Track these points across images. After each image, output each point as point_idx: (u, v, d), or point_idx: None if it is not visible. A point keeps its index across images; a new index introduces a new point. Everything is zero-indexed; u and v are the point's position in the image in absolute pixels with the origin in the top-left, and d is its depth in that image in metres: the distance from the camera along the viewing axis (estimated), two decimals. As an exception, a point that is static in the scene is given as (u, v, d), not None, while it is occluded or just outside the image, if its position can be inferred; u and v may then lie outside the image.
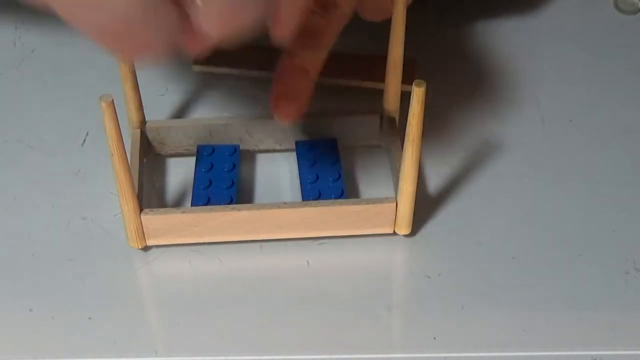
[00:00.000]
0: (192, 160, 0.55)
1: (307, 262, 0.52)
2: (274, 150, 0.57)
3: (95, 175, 0.55)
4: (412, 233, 0.52)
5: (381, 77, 0.54)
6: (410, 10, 0.51)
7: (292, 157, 0.56)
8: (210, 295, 0.50)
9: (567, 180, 0.56)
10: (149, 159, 0.56)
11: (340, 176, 0.53)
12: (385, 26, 0.53)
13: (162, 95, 0.60)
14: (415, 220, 0.51)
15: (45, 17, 0.40)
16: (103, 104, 0.45)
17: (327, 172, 0.54)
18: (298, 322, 0.49)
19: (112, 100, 0.45)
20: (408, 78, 0.52)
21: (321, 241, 0.52)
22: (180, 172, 0.56)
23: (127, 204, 0.49)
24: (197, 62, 0.60)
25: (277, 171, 0.56)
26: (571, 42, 0.64)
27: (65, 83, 0.61)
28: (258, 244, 0.52)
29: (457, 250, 0.52)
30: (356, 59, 0.59)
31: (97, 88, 0.47)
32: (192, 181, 0.53)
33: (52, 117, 0.59)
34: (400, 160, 0.49)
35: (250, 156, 0.57)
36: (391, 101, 0.55)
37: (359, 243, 0.52)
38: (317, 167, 0.54)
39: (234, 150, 0.55)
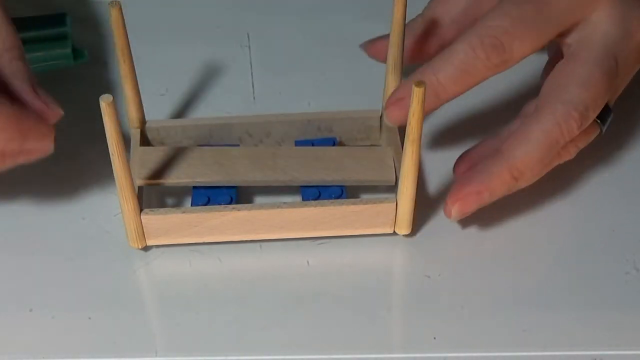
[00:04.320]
0: (192, 160, 0.55)
1: (307, 262, 0.52)
2: (274, 150, 0.57)
3: (95, 175, 0.55)
4: (412, 233, 0.52)
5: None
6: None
7: (292, 157, 0.56)
8: (210, 295, 0.50)
9: (567, 180, 0.56)
10: (149, 159, 0.56)
11: (340, 176, 0.53)
12: (385, 25, 0.53)
13: (162, 95, 0.60)
14: (415, 220, 0.51)
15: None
16: (103, 104, 0.45)
17: (327, 172, 0.53)
18: (298, 322, 0.49)
19: (113, 100, 0.45)
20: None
21: (321, 241, 0.52)
22: (180, 172, 0.56)
23: (127, 204, 0.49)
24: (142, 176, 0.52)
25: (277, 171, 0.56)
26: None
27: (65, 83, 0.61)
28: (258, 244, 0.52)
29: (457, 250, 0.52)
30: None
31: (97, 88, 0.47)
32: (192, 181, 0.53)
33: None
34: (400, 161, 0.49)
35: (250, 156, 0.57)
36: (391, 101, 0.55)
37: (359, 243, 0.52)
38: (317, 167, 0.54)
39: (234, 150, 0.55)
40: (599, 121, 0.51)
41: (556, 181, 0.55)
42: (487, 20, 0.49)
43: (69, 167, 0.56)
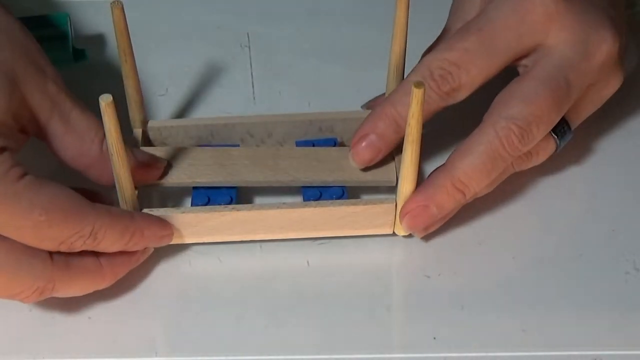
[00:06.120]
0: (192, 160, 0.55)
1: (307, 262, 0.52)
2: (274, 150, 0.57)
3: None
4: (412, 233, 0.52)
5: None
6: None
7: (292, 157, 0.56)
8: (210, 295, 0.50)
9: (567, 180, 0.56)
10: (149, 159, 0.56)
11: (340, 176, 0.53)
12: (385, 24, 0.53)
13: (162, 95, 0.60)
14: (415, 221, 0.51)
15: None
16: (102, 104, 0.45)
17: (327, 172, 0.53)
18: (298, 322, 0.49)
19: (112, 100, 0.45)
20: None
21: (321, 241, 0.52)
22: (180, 172, 0.56)
23: (127, 204, 0.49)
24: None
25: (277, 171, 0.56)
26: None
27: (65, 83, 0.61)
28: (258, 244, 0.52)
29: (457, 250, 0.52)
30: None
31: (97, 88, 0.47)
32: (192, 181, 0.53)
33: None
34: (400, 161, 0.49)
35: (251, 156, 0.57)
36: (391, 101, 0.55)
37: (359, 243, 0.52)
38: (317, 167, 0.54)
39: (234, 150, 0.55)
40: (555, 137, 0.52)
41: (556, 181, 0.55)
42: (436, 53, 0.51)
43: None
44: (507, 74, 0.52)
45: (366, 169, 0.53)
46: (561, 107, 0.50)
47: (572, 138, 0.53)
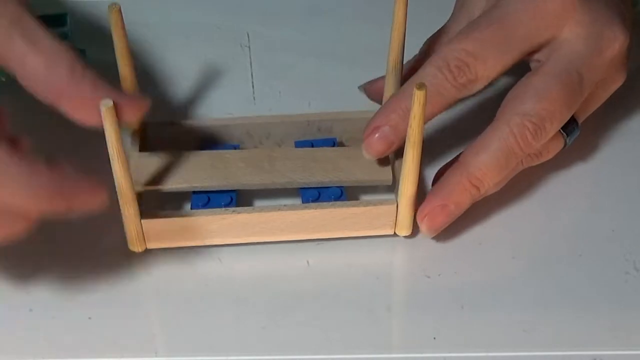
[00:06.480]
0: (192, 161, 0.55)
1: (307, 262, 0.52)
2: (274, 151, 0.57)
3: (94, 176, 0.55)
4: (413, 234, 0.52)
5: None
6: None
7: (292, 157, 0.56)
8: (210, 296, 0.50)
9: (567, 180, 0.56)
10: (149, 159, 0.56)
11: (339, 177, 0.53)
12: (385, 25, 0.53)
13: (162, 95, 0.60)
14: (415, 221, 0.51)
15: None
16: (103, 109, 0.44)
17: (327, 172, 0.53)
18: (298, 322, 0.49)
19: (113, 105, 0.45)
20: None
21: (321, 241, 0.52)
22: (180, 172, 0.56)
23: (128, 207, 0.49)
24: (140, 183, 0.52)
25: (277, 171, 0.56)
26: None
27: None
28: (258, 244, 0.52)
29: (457, 250, 0.52)
30: None
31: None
32: (192, 181, 0.53)
33: (53, 118, 0.59)
34: (401, 163, 0.49)
35: (251, 156, 0.57)
36: (391, 101, 0.55)
37: (359, 243, 0.52)
38: (317, 167, 0.54)
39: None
40: (564, 133, 0.52)
41: (556, 181, 0.55)
42: (451, 44, 0.51)
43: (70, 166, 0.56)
44: (510, 73, 0.52)
45: (362, 168, 0.52)
46: (574, 102, 0.50)
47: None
